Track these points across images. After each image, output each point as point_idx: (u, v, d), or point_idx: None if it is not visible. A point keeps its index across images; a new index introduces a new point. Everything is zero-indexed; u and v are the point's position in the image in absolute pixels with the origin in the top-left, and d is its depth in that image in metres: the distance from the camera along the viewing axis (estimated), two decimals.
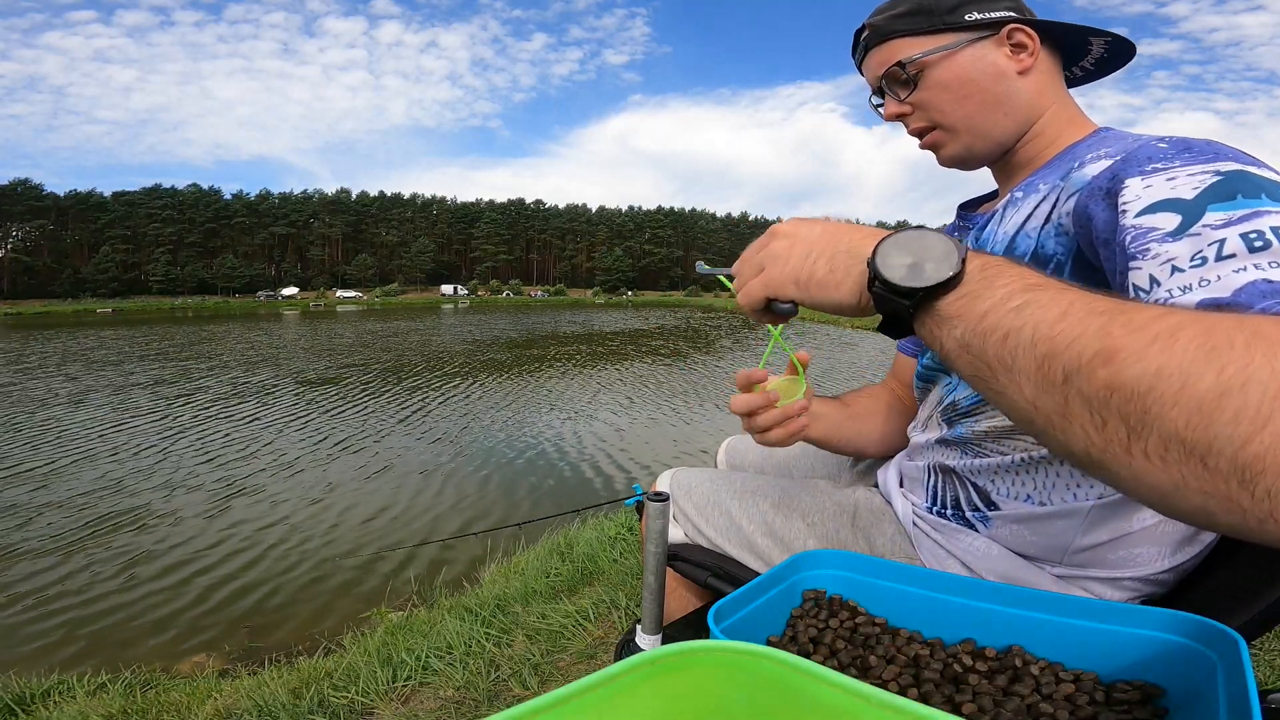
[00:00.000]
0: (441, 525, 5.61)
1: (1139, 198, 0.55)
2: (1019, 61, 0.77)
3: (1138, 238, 0.53)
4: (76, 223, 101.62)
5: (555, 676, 1.93)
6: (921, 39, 0.78)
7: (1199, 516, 0.35)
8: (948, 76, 0.78)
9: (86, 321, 48.96)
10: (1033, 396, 0.40)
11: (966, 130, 0.80)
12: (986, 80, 0.77)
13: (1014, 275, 0.44)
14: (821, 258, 0.54)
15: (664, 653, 0.32)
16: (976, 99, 0.78)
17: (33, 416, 10.29)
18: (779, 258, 0.57)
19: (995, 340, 0.42)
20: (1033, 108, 0.78)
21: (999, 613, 0.55)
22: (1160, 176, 0.55)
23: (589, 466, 7.41)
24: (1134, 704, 0.46)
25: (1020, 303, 0.42)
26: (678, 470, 1.06)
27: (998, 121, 0.78)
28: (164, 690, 2.60)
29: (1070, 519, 0.71)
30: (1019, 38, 0.76)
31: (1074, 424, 0.38)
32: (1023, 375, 0.40)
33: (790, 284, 0.56)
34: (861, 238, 0.53)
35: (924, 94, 0.80)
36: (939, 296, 0.46)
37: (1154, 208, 0.53)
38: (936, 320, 0.47)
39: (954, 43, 0.77)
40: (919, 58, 0.78)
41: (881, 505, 0.91)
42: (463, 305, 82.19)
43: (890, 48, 0.81)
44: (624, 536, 3.13)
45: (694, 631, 0.94)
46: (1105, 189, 0.59)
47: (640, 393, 12.55)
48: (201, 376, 15.28)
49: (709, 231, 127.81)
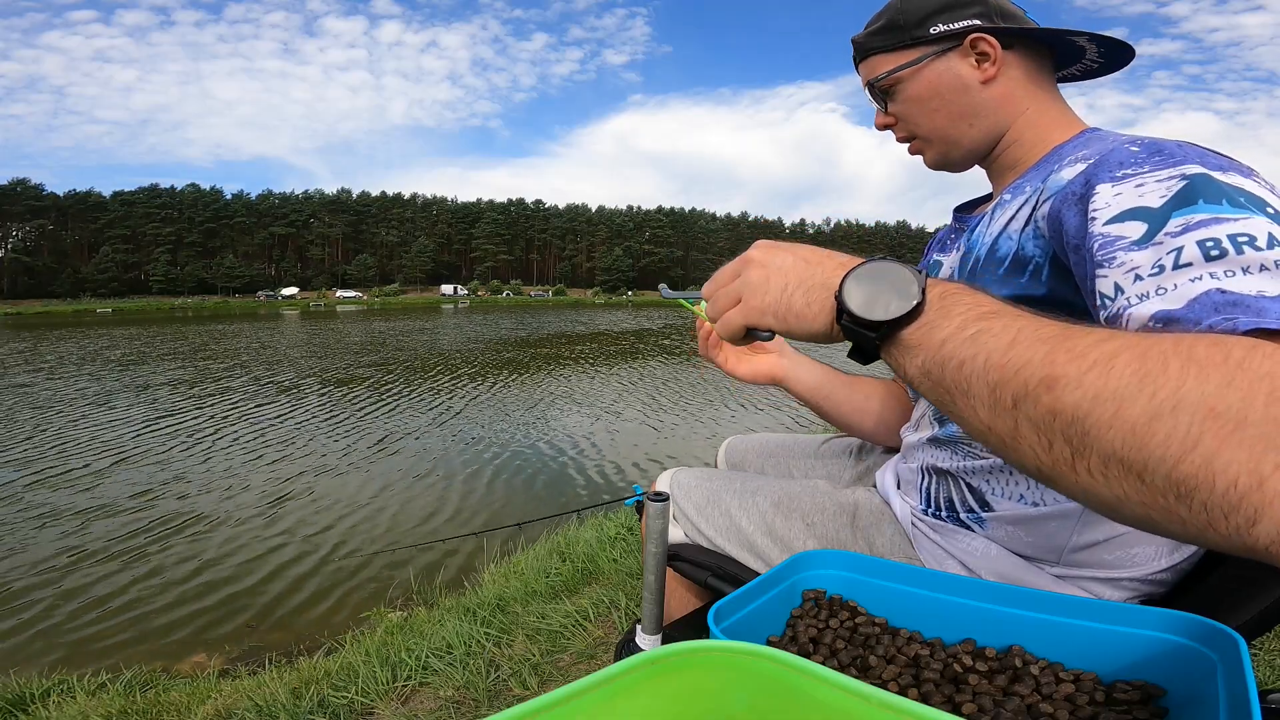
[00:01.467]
0: (441, 525, 5.61)
1: (1108, 205, 0.55)
2: (982, 71, 0.78)
3: (1105, 245, 0.53)
4: (76, 223, 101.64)
5: (555, 676, 1.93)
6: (893, 55, 0.82)
7: (1145, 525, 0.37)
8: (917, 90, 0.81)
9: (87, 321, 48.93)
10: (988, 420, 0.42)
11: (939, 140, 0.84)
12: (952, 93, 0.80)
13: (969, 303, 0.46)
14: (798, 290, 0.55)
15: (664, 653, 0.32)
16: (944, 112, 0.81)
17: (66, 417, 10.21)
18: (757, 289, 0.57)
19: (952, 368, 0.44)
20: (1000, 115, 0.80)
21: (999, 613, 0.55)
22: (1130, 184, 0.55)
23: (588, 466, 7.40)
24: (1134, 704, 0.46)
25: (974, 331, 0.44)
26: (678, 470, 1.06)
27: (964, 131, 0.81)
28: (164, 690, 2.60)
29: (1064, 519, 0.71)
30: (983, 46, 0.78)
31: (1024, 444, 0.40)
32: (978, 400, 0.42)
33: (769, 316, 0.56)
34: (833, 269, 0.54)
35: (899, 108, 0.84)
36: (902, 327, 0.48)
37: (1122, 216, 0.54)
38: (900, 349, 0.48)
39: (920, 57, 0.80)
40: (886, 76, 0.82)
41: (881, 506, 0.91)
42: (463, 305, 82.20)
43: (870, 64, 0.85)
44: (624, 536, 3.13)
45: (694, 631, 0.94)
46: (1078, 194, 0.60)
47: (646, 392, 12.55)
48: (224, 376, 15.17)
49: (709, 231, 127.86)
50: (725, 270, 0.61)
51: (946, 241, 0.93)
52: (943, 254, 0.92)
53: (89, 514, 5.85)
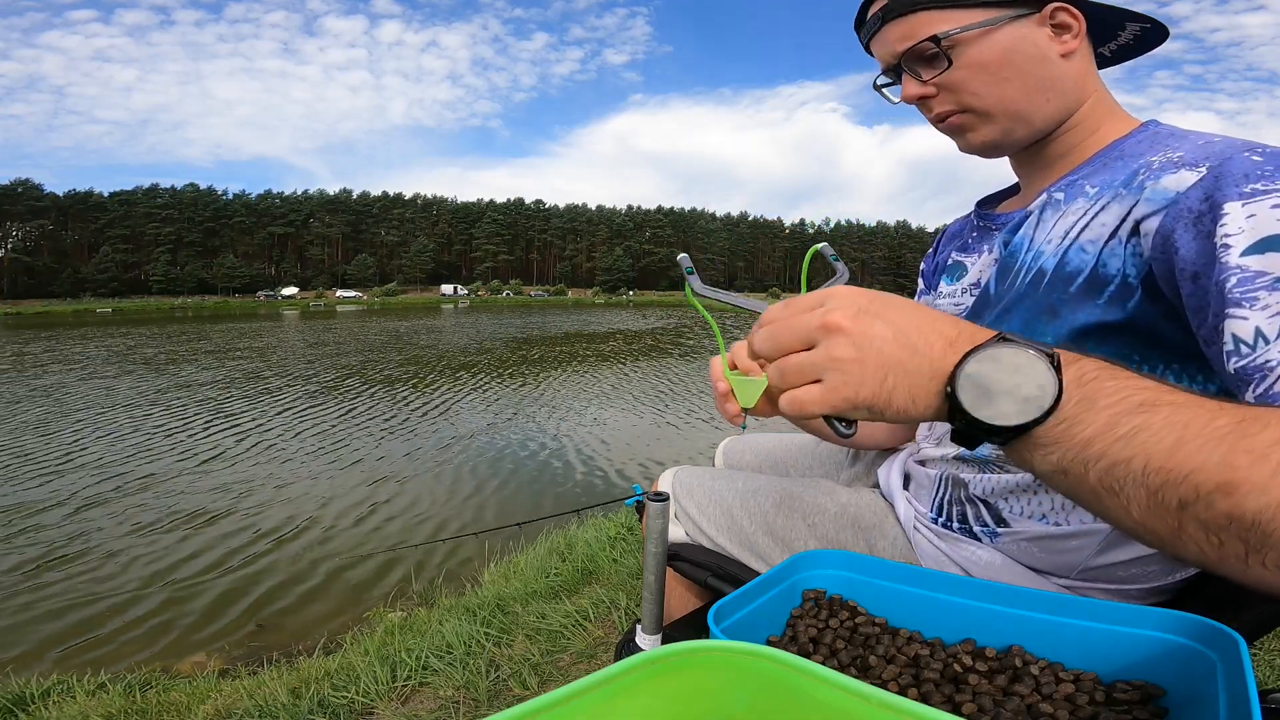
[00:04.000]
0: (441, 525, 5.61)
1: (1242, 230, 0.49)
2: (1062, 44, 0.69)
3: (1243, 281, 0.48)
4: (76, 223, 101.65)
5: (555, 676, 1.93)
6: (955, 13, 0.69)
7: None
8: (986, 56, 0.69)
9: (87, 321, 48.84)
10: (1141, 519, 0.39)
11: (1004, 115, 0.72)
12: (1029, 62, 0.69)
13: (1118, 394, 0.40)
14: (901, 380, 0.43)
15: (664, 653, 0.32)
16: (1018, 82, 0.70)
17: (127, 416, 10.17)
18: (850, 376, 0.44)
19: (1100, 469, 0.39)
20: (1077, 94, 0.71)
21: (999, 613, 0.55)
22: (1264, 203, 0.49)
23: (589, 466, 7.40)
24: (1134, 704, 0.46)
25: (1129, 429, 0.38)
26: (680, 469, 1.05)
27: (1040, 106, 0.71)
28: (164, 690, 2.60)
29: (1086, 539, 0.68)
30: (1062, 18, 0.68)
31: (1188, 541, 0.38)
32: (1131, 501, 0.39)
33: (863, 410, 0.45)
34: (942, 351, 0.43)
35: (957, 74, 0.71)
36: (1032, 426, 0.41)
37: (1262, 245, 0.48)
38: (1029, 446, 0.42)
39: (993, 19, 0.68)
40: (954, 34, 0.69)
41: (884, 508, 0.90)
42: (463, 305, 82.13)
43: (915, 21, 0.71)
44: (624, 536, 3.13)
45: (694, 631, 0.93)
46: (1196, 212, 0.53)
47: (647, 392, 12.55)
48: (271, 376, 15.06)
49: (709, 231, 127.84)
50: (793, 325, 0.46)
51: (968, 240, 0.86)
52: (964, 254, 0.85)
53: (86, 511, 5.85)
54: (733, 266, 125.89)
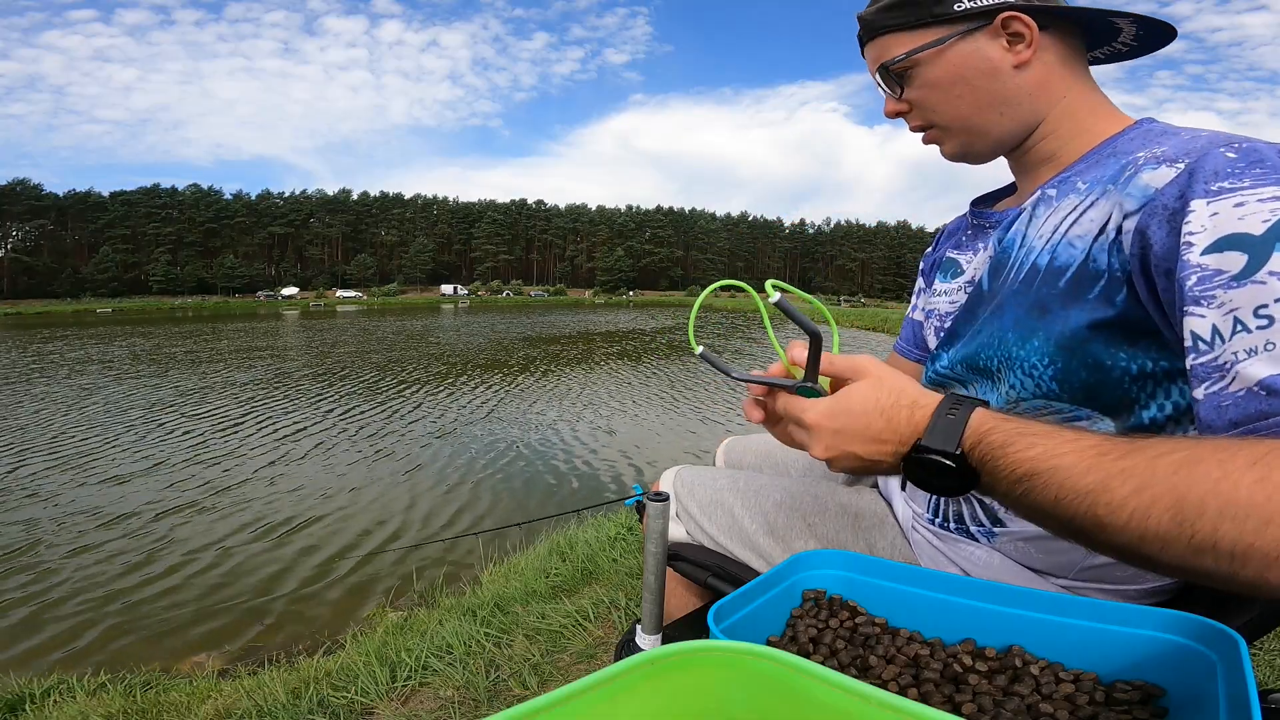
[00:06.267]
0: (442, 526, 5.61)
1: (1204, 229, 0.50)
2: (1016, 54, 0.69)
3: (1202, 280, 0.49)
4: (76, 223, 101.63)
5: (555, 676, 1.93)
6: (910, 35, 0.72)
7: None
8: (938, 75, 0.72)
9: (88, 321, 48.78)
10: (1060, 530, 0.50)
11: (962, 130, 0.75)
12: (980, 77, 0.71)
13: (1006, 469, 0.49)
14: (868, 471, 0.60)
15: (664, 653, 0.32)
16: (969, 99, 0.72)
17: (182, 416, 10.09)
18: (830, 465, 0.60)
19: (1023, 514, 0.52)
20: (1035, 103, 0.71)
21: (999, 613, 0.55)
22: (1227, 201, 0.50)
23: (589, 466, 7.41)
24: (1134, 704, 0.46)
25: (1021, 492, 0.49)
26: (682, 468, 1.06)
27: (993, 121, 0.73)
28: (164, 690, 2.61)
29: None
30: (1016, 26, 0.69)
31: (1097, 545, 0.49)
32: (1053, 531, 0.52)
33: None
34: (892, 462, 0.57)
35: (915, 93, 0.74)
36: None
37: (1220, 244, 0.48)
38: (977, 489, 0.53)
39: (943, 37, 0.70)
40: (903, 58, 0.72)
41: (883, 508, 0.90)
42: (463, 305, 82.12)
43: (880, 44, 0.75)
44: (624, 536, 3.13)
45: (694, 631, 0.94)
46: (1170, 209, 0.54)
47: (647, 391, 12.55)
48: (305, 377, 14.77)
49: (709, 231, 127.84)
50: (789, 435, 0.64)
51: (963, 238, 0.86)
52: (960, 252, 0.85)
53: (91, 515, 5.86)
54: (733, 266, 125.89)
